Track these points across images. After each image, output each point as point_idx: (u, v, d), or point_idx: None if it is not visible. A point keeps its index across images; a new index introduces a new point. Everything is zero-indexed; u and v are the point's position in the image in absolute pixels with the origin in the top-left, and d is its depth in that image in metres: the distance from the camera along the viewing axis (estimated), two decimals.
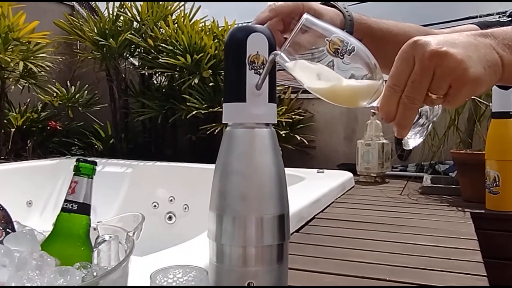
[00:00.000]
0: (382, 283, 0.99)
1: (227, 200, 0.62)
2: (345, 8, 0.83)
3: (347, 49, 0.54)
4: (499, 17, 0.95)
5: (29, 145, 3.21)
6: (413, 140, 0.58)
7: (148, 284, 0.55)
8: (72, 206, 0.58)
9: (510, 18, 0.94)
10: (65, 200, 0.58)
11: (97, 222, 0.62)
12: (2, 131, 3.05)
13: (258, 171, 0.61)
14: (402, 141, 0.59)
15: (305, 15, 0.57)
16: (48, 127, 3.35)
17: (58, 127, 3.37)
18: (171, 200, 2.58)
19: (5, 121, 3.10)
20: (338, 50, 0.54)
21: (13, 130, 3.13)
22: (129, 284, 0.57)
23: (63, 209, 0.58)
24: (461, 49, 0.54)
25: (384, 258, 1.15)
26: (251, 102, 0.61)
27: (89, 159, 0.60)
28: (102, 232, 0.61)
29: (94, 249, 0.59)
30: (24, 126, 3.23)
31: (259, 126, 0.62)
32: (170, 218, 2.57)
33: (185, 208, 2.53)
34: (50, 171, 2.65)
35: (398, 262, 1.13)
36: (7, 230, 0.59)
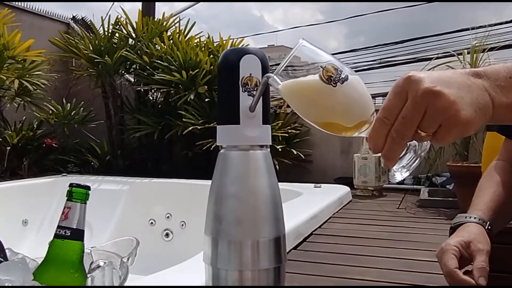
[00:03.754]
0: None
1: (222, 224, 0.61)
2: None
3: (341, 77, 0.54)
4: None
5: (24, 163, 3.19)
6: (399, 173, 0.58)
7: None
8: (65, 232, 0.57)
9: None
10: (58, 226, 0.57)
11: (91, 247, 0.61)
12: None
13: (253, 194, 0.61)
14: (389, 173, 0.59)
15: (301, 40, 0.57)
16: (44, 145, 3.33)
17: (54, 145, 3.36)
18: (168, 217, 2.56)
19: (0, 139, 3.09)
20: (332, 78, 0.54)
21: (8, 148, 3.11)
22: None
23: (56, 236, 0.57)
24: (455, 89, 0.54)
25: (384, 275, 1.14)
26: (245, 124, 0.61)
27: (82, 183, 0.59)
28: (96, 258, 0.60)
29: (88, 276, 0.58)
30: (20, 144, 3.21)
31: (253, 148, 0.62)
32: (167, 235, 2.55)
33: (182, 224, 2.51)
34: (45, 190, 2.63)
35: (398, 279, 1.11)
36: None
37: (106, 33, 3.36)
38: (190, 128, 2.89)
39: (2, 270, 0.51)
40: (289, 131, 3.13)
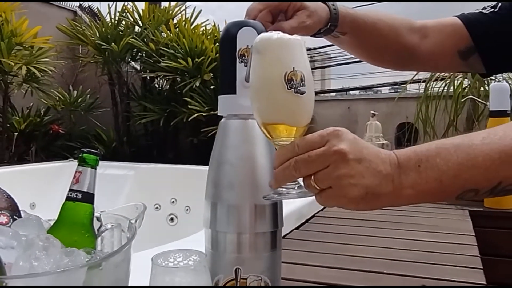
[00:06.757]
0: (380, 276, 1.01)
1: (219, 189, 0.65)
2: (332, 3, 0.86)
3: (298, 88, 0.56)
4: (483, 8, 0.97)
5: (32, 148, 3.23)
6: (273, 195, 0.60)
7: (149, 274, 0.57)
8: (76, 195, 0.60)
9: (492, 10, 0.96)
10: (70, 190, 0.60)
11: (101, 212, 0.64)
12: (5, 135, 3.08)
13: (248, 160, 0.64)
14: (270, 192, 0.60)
15: (303, 41, 0.59)
16: (51, 131, 3.37)
17: (60, 131, 3.40)
18: (173, 202, 2.60)
19: (8, 125, 3.12)
20: (292, 82, 0.56)
21: (16, 134, 3.15)
22: (130, 279, 0.59)
23: (68, 198, 0.60)
24: (363, 167, 0.56)
25: (383, 253, 1.17)
26: (240, 94, 0.63)
27: (93, 150, 0.62)
28: (105, 221, 0.63)
29: (98, 236, 0.61)
30: (27, 130, 3.25)
31: (251, 117, 0.64)
32: (172, 219, 2.59)
33: (187, 209, 2.55)
34: (53, 174, 2.66)
35: (396, 256, 1.15)
36: (14, 217, 0.61)
37: (112, 20, 3.38)
38: (195, 115, 2.91)
39: (18, 225, 0.54)
40: None
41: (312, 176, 0.56)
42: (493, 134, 0.58)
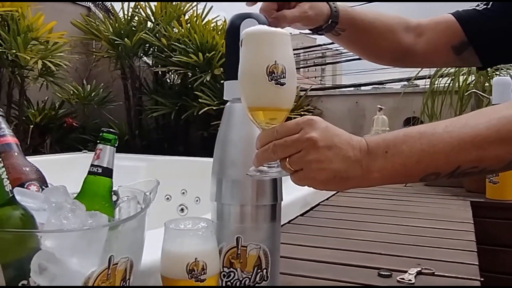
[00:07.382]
0: (377, 256, 1.07)
1: (224, 166, 0.72)
2: (332, 2, 0.92)
3: (279, 80, 0.61)
4: (477, 5, 1.00)
5: (47, 141, 3.32)
6: (255, 173, 0.65)
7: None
8: (97, 169, 0.67)
9: (485, 6, 0.99)
10: (91, 165, 0.67)
11: (118, 186, 0.71)
12: (21, 127, 3.17)
13: (250, 140, 0.70)
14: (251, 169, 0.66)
15: (289, 35, 0.64)
16: (65, 124, 3.46)
17: (74, 124, 3.49)
18: (183, 193, 2.66)
19: (23, 117, 3.21)
20: (272, 74, 0.61)
21: (31, 126, 3.24)
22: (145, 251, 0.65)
23: (90, 172, 0.67)
24: (332, 153, 0.61)
25: (382, 237, 1.23)
26: None
27: (112, 130, 0.69)
28: (122, 194, 0.70)
29: (116, 207, 0.67)
30: (42, 123, 3.34)
31: None
32: (182, 210, 2.66)
33: (197, 200, 2.62)
34: (67, 165, 2.74)
35: (395, 240, 1.20)
36: (43, 187, 0.68)
37: (125, 16, 3.46)
38: (205, 109, 2.98)
39: (47, 193, 0.61)
40: (302, 113, 3.21)
41: (287, 159, 0.63)
42: (455, 123, 0.64)
